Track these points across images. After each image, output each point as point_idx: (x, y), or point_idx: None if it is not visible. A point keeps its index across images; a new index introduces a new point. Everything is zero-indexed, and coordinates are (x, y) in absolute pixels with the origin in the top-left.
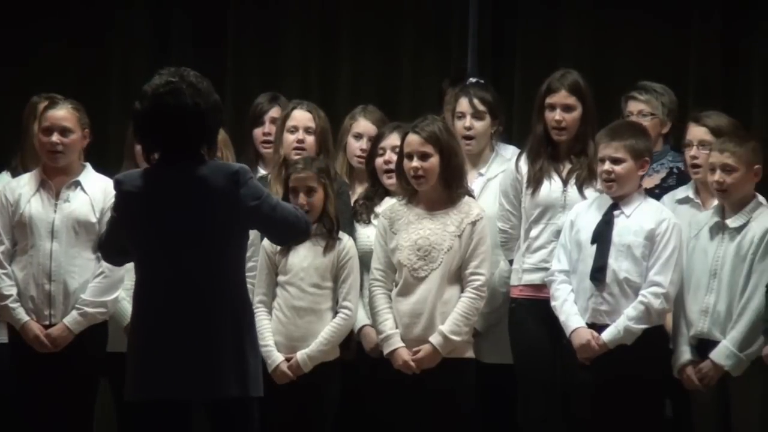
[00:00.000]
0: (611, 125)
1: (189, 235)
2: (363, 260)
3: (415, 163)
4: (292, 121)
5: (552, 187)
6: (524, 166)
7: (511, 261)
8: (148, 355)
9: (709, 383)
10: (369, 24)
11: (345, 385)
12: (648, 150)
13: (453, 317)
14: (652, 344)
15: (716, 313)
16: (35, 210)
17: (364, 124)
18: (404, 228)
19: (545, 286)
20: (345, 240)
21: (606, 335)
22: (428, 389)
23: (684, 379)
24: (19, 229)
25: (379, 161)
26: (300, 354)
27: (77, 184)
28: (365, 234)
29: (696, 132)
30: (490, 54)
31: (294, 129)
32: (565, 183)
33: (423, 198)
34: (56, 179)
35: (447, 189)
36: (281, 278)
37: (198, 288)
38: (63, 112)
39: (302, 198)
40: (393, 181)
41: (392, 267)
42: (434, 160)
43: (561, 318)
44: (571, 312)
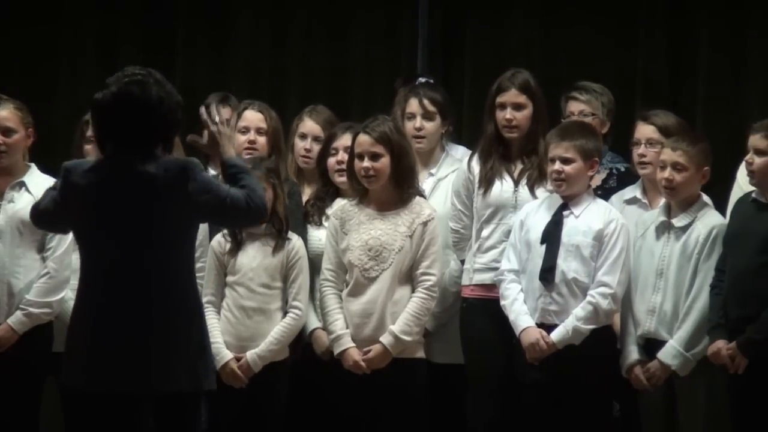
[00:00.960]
0: (561, 125)
1: (138, 230)
2: (314, 263)
3: (366, 164)
4: (244, 122)
5: (503, 188)
6: (476, 166)
7: (463, 261)
8: (96, 348)
9: (657, 383)
10: (319, 24)
11: (295, 385)
12: (597, 150)
13: (404, 317)
14: (600, 344)
15: (663, 313)
16: None
17: (310, 125)
18: (355, 228)
19: (496, 286)
20: (294, 240)
21: (555, 335)
22: (379, 389)
23: (632, 379)
24: None
25: (332, 161)
26: (250, 354)
27: (22, 185)
28: (316, 236)
29: (644, 130)
30: (440, 54)
31: (245, 130)
32: (517, 183)
33: (374, 198)
34: (0, 180)
35: (398, 189)
36: (230, 278)
37: (147, 282)
38: (5, 112)
39: None
40: (344, 179)
41: (343, 267)
42: (385, 161)
43: (510, 317)
44: (521, 311)
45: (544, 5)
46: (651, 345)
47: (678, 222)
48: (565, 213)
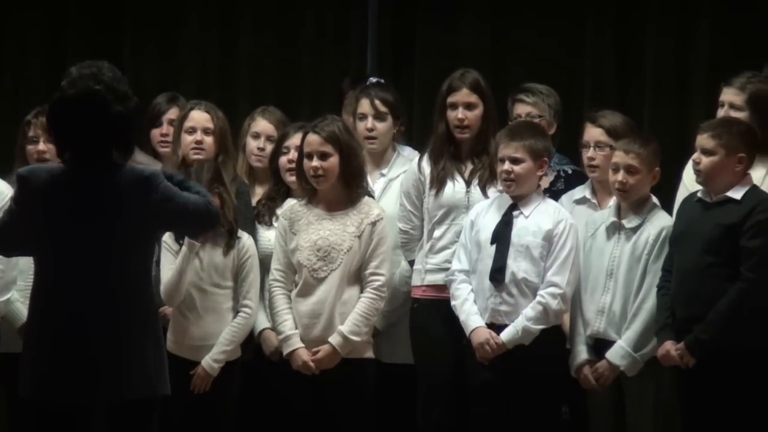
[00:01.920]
0: (511, 125)
1: (97, 238)
2: (264, 263)
3: (315, 163)
4: (190, 122)
5: (455, 188)
6: (427, 167)
7: (411, 262)
8: (51, 357)
9: (605, 383)
10: (268, 23)
11: (246, 384)
12: (547, 150)
13: (352, 317)
14: (550, 344)
15: (612, 313)
16: None
17: (263, 124)
18: (304, 228)
19: (447, 287)
20: (245, 239)
21: (504, 335)
22: (328, 389)
23: (581, 379)
24: None
25: (283, 159)
26: (205, 361)
27: None
28: (266, 237)
29: (592, 132)
30: (390, 55)
31: (192, 130)
32: (468, 184)
33: (323, 198)
34: None
35: (347, 189)
36: None
37: (104, 291)
38: None
39: None
40: (294, 178)
41: (292, 267)
42: (334, 160)
43: (461, 318)
44: (471, 312)
45: (492, 6)
46: (600, 345)
47: (628, 223)
48: (515, 213)
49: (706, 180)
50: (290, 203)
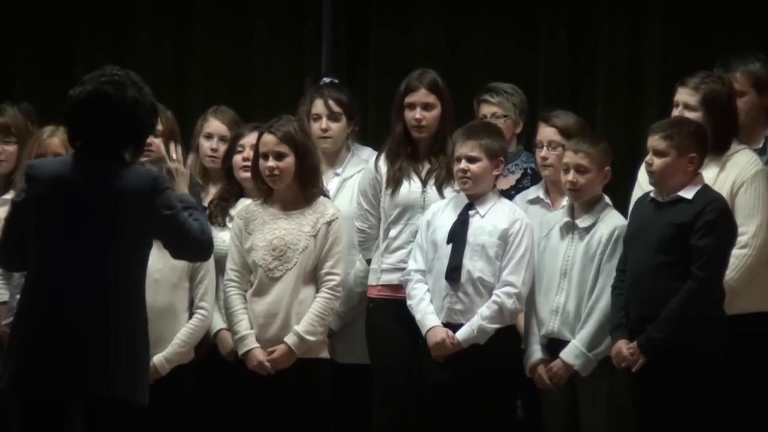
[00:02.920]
0: (467, 125)
1: (99, 234)
2: (218, 264)
3: (271, 163)
4: None
5: (411, 188)
6: (383, 166)
7: (369, 261)
8: (37, 346)
9: (559, 382)
10: (221, 23)
11: (200, 385)
12: (503, 150)
13: (308, 317)
14: (505, 343)
15: (566, 313)
16: None
17: (215, 125)
18: (259, 228)
19: (403, 287)
20: None
21: (460, 334)
22: (283, 389)
23: (535, 378)
24: None
25: (237, 158)
26: (157, 358)
27: None
28: (220, 238)
29: (545, 132)
30: (345, 55)
31: None
32: (425, 183)
33: (278, 198)
34: None
35: (302, 189)
36: None
37: (99, 287)
38: None
39: None
40: (249, 175)
41: (247, 267)
42: (289, 160)
43: (417, 317)
44: (427, 311)
45: (446, 6)
46: (554, 345)
47: (581, 223)
48: (471, 213)
49: (659, 181)
50: (245, 203)
